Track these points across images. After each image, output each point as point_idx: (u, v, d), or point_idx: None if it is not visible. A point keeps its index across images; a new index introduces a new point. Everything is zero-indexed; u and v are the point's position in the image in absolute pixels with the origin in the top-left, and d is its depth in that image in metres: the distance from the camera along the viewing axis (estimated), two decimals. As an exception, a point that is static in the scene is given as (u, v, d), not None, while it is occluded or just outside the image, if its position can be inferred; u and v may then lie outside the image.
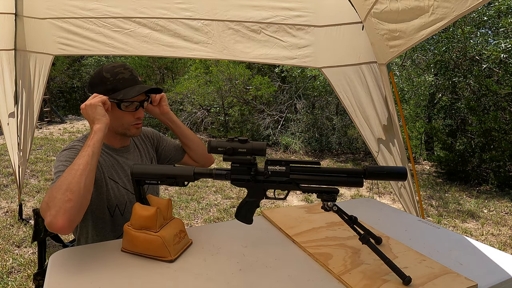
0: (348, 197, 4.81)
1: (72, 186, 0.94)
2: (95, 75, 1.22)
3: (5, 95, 2.70)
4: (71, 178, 0.96)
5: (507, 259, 1.05)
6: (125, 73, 1.20)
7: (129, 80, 1.20)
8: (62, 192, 0.93)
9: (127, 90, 1.19)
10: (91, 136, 1.06)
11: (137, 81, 1.23)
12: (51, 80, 11.38)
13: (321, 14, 2.35)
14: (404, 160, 2.38)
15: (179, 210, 3.88)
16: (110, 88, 1.18)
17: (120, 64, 1.22)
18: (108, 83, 1.18)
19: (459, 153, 6.07)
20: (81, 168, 0.98)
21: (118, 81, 1.19)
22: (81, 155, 1.02)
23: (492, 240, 3.56)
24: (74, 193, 0.94)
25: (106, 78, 1.19)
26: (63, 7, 2.50)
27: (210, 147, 0.99)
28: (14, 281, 2.36)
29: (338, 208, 0.97)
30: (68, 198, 0.93)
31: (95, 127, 1.07)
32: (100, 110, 1.09)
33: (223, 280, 0.90)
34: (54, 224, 0.91)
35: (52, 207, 0.92)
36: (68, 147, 1.19)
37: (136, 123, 1.25)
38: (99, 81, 1.19)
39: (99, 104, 1.10)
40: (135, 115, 1.23)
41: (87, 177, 0.98)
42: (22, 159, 2.85)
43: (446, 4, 1.35)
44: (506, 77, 5.54)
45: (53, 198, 0.93)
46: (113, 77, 1.18)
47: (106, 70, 1.20)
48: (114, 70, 1.20)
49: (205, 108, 8.84)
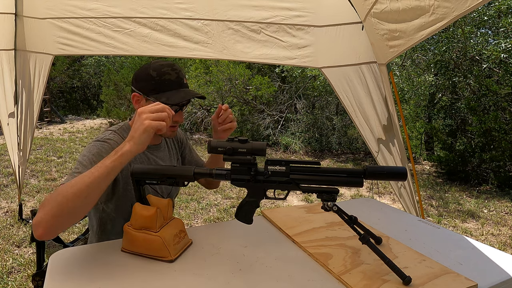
0: (348, 197, 4.81)
1: (70, 204, 0.88)
2: (142, 70, 1.19)
3: (5, 95, 2.70)
4: (74, 191, 0.88)
5: (507, 259, 1.05)
6: (172, 74, 1.17)
7: (175, 83, 1.17)
8: (63, 202, 0.87)
9: (171, 93, 1.16)
10: (118, 154, 0.92)
11: (182, 84, 1.20)
12: (51, 80, 11.38)
13: (321, 14, 2.35)
14: (404, 160, 2.38)
15: (179, 210, 3.88)
16: (154, 87, 1.16)
17: (168, 64, 1.19)
18: (152, 82, 1.16)
19: (459, 153, 6.07)
20: (88, 185, 0.89)
21: (163, 82, 1.16)
22: (97, 168, 0.90)
23: (492, 240, 3.56)
24: (69, 212, 0.88)
25: (151, 77, 1.16)
26: (63, 7, 2.50)
27: (210, 147, 0.99)
28: (14, 281, 2.36)
29: (338, 208, 0.97)
30: (60, 212, 0.87)
31: (130, 146, 0.92)
32: (148, 136, 0.93)
33: (223, 280, 0.90)
34: (36, 229, 0.87)
35: (44, 212, 0.87)
36: (103, 138, 1.14)
37: (173, 125, 1.22)
38: (144, 78, 1.17)
39: (153, 130, 0.95)
40: (174, 118, 1.18)
41: (89, 197, 0.90)
42: (22, 159, 2.85)
43: (446, 4, 1.35)
44: (506, 77, 5.54)
45: (53, 202, 0.88)
46: (159, 77, 1.16)
47: (153, 68, 1.17)
48: (162, 69, 1.16)
49: (205, 108, 8.83)
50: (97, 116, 11.54)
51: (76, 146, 6.80)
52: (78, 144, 7.07)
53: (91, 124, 9.86)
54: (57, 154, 6.06)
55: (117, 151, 0.92)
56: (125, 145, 0.93)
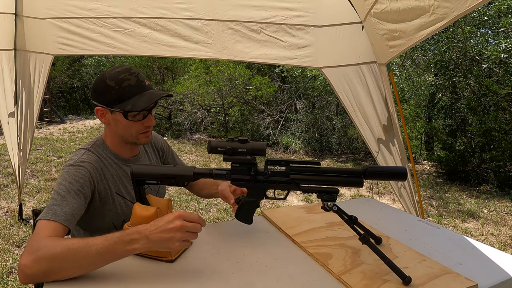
0: (348, 197, 4.81)
1: (67, 272, 0.85)
2: (99, 82, 1.12)
3: (5, 95, 2.70)
4: (69, 259, 0.84)
5: (507, 259, 1.05)
6: (131, 79, 1.10)
7: (136, 87, 1.11)
8: (54, 260, 0.84)
9: (135, 99, 1.09)
10: (131, 247, 0.85)
11: (145, 86, 1.13)
12: (51, 80, 11.37)
13: (321, 14, 2.35)
14: (404, 160, 2.38)
15: (179, 210, 3.88)
16: (116, 97, 1.09)
17: (124, 69, 1.11)
18: (113, 92, 1.09)
19: (459, 153, 6.07)
20: (92, 263, 0.86)
21: (124, 89, 1.09)
22: (106, 250, 0.84)
23: (492, 240, 3.56)
24: (62, 275, 0.85)
25: (110, 87, 1.09)
26: (63, 7, 2.50)
27: (210, 147, 0.99)
28: (14, 281, 2.36)
29: (338, 208, 0.97)
30: (54, 274, 0.84)
31: (142, 246, 0.85)
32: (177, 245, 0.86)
33: (223, 280, 0.90)
34: (22, 276, 0.83)
35: (34, 261, 0.83)
36: (77, 162, 1.09)
37: (145, 131, 1.17)
38: (104, 90, 1.10)
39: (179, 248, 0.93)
40: (144, 123, 1.15)
41: (88, 269, 0.87)
42: (22, 159, 2.85)
43: (446, 4, 1.35)
44: (506, 77, 5.54)
45: (50, 264, 0.83)
46: (119, 85, 1.09)
47: (110, 77, 1.10)
48: (119, 77, 1.09)
49: (205, 108, 8.84)
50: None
51: (76, 146, 6.80)
52: (78, 144, 7.07)
53: (91, 124, 9.86)
54: (57, 154, 6.06)
55: (131, 241, 0.85)
56: (139, 239, 0.85)
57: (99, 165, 1.14)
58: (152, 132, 1.35)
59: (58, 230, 0.94)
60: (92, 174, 1.10)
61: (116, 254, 0.85)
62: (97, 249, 0.84)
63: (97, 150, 1.17)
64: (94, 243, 0.84)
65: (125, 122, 1.12)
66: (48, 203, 1.01)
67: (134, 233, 0.85)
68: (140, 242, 0.85)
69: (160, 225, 0.85)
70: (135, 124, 1.14)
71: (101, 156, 1.16)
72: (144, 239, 0.85)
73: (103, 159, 1.17)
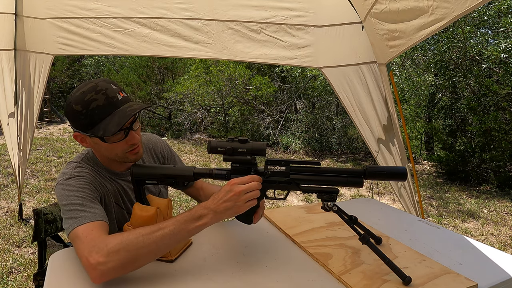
0: (348, 197, 4.81)
1: (138, 253, 0.85)
2: (67, 108, 1.01)
3: (5, 95, 2.70)
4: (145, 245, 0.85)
5: (507, 259, 1.05)
6: (98, 98, 0.98)
7: (106, 107, 0.98)
8: (129, 248, 0.84)
9: (105, 122, 0.98)
10: (200, 222, 0.89)
11: (117, 103, 1.00)
12: (51, 80, 11.37)
13: (321, 14, 2.35)
14: (404, 160, 2.38)
15: (179, 210, 3.88)
16: (87, 123, 0.99)
17: (90, 88, 0.99)
18: (82, 117, 0.98)
19: (459, 153, 6.07)
20: (168, 244, 0.88)
21: (93, 112, 0.97)
22: (179, 230, 0.87)
23: (492, 240, 3.56)
24: (136, 261, 0.86)
25: (78, 112, 0.98)
26: (63, 7, 2.51)
27: (210, 147, 0.99)
28: (14, 281, 2.36)
29: (338, 208, 0.97)
30: (128, 258, 0.84)
31: (211, 220, 0.89)
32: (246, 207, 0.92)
33: (223, 280, 0.90)
34: (95, 271, 0.83)
35: (115, 263, 0.83)
36: (72, 174, 1.03)
37: (131, 149, 1.07)
38: (73, 116, 1.00)
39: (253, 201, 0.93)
40: (127, 142, 1.04)
41: (163, 252, 0.89)
42: (22, 159, 2.85)
43: (445, 4, 1.35)
44: (506, 77, 5.54)
45: (128, 257, 0.84)
46: (86, 108, 0.97)
47: (75, 101, 0.98)
48: (85, 98, 0.97)
49: (205, 108, 8.83)
50: (97, 116, 11.52)
51: (76, 146, 6.79)
52: (78, 144, 7.06)
53: (91, 124, 9.85)
54: (57, 154, 6.06)
55: (200, 217, 0.89)
56: (207, 214, 0.89)
57: (95, 175, 1.09)
58: (152, 137, 1.30)
59: (103, 227, 0.93)
60: (93, 182, 1.06)
61: (188, 232, 0.89)
62: (170, 230, 0.87)
63: (88, 163, 1.11)
64: (165, 226, 0.88)
65: (106, 145, 1.03)
66: (68, 215, 0.94)
67: (201, 209, 0.90)
68: (209, 216, 0.89)
69: (220, 197, 0.90)
70: (118, 145, 1.04)
71: (94, 168, 1.11)
72: (211, 212, 0.89)
73: (97, 172, 1.11)
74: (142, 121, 9.34)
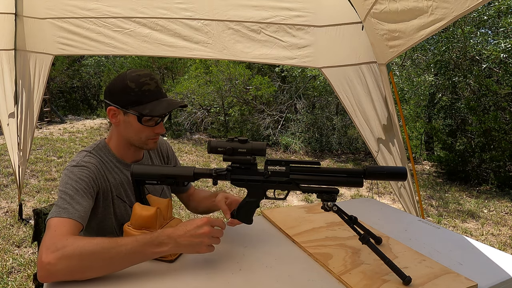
0: (348, 197, 4.81)
1: (91, 265, 0.84)
2: (117, 82, 1.11)
3: (5, 95, 2.70)
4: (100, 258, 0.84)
5: (507, 259, 1.05)
6: (151, 84, 1.10)
7: (155, 93, 1.11)
8: (83, 258, 0.83)
9: (153, 104, 1.09)
10: (159, 250, 0.87)
11: (163, 93, 1.14)
12: (51, 80, 11.37)
13: (321, 14, 2.35)
14: (404, 160, 2.38)
15: (179, 210, 3.88)
16: (134, 99, 1.09)
17: (145, 73, 1.12)
18: (132, 93, 1.08)
19: (459, 153, 6.07)
20: (120, 263, 0.87)
21: (144, 93, 1.09)
22: (134, 250, 0.85)
23: (492, 240, 3.56)
24: (85, 271, 0.85)
25: (130, 88, 1.08)
26: (63, 7, 2.50)
27: (210, 147, 0.99)
28: (14, 281, 2.36)
29: (338, 208, 0.97)
30: (79, 267, 0.83)
31: (170, 249, 0.88)
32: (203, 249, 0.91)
33: (223, 280, 0.90)
34: (45, 274, 0.83)
35: (63, 258, 0.83)
36: (79, 162, 1.08)
37: (154, 137, 1.16)
38: (122, 90, 1.09)
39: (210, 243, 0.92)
40: (155, 130, 1.14)
41: (114, 269, 0.88)
42: (22, 159, 2.85)
43: (445, 4, 1.35)
44: (506, 77, 5.54)
45: (77, 264, 0.83)
46: (138, 88, 1.08)
47: (131, 78, 1.09)
48: (140, 80, 1.09)
49: (205, 108, 8.84)
50: (97, 116, 11.55)
51: (76, 146, 6.79)
52: (78, 144, 7.07)
53: (91, 124, 9.86)
54: (57, 154, 6.06)
55: (160, 244, 0.87)
56: (168, 243, 0.88)
57: (101, 167, 1.13)
58: (159, 138, 1.33)
59: (74, 228, 0.94)
60: (95, 175, 1.09)
61: (145, 255, 0.88)
62: (127, 249, 0.85)
63: (99, 153, 1.15)
64: (124, 243, 0.86)
65: (137, 125, 1.11)
66: (57, 202, 0.99)
67: (163, 236, 0.88)
68: (169, 245, 0.88)
69: (188, 230, 0.89)
70: (146, 129, 1.13)
71: (103, 159, 1.15)
72: (173, 242, 0.88)
73: (105, 162, 1.15)
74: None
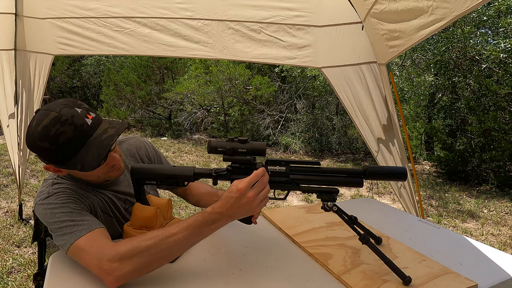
0: (348, 197, 4.81)
1: (152, 258, 0.85)
2: (31, 144, 0.91)
3: (5, 95, 2.70)
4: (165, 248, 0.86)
5: (507, 259, 1.05)
6: (66, 131, 0.88)
7: (77, 138, 0.90)
8: (143, 253, 0.84)
9: (81, 155, 0.91)
10: (214, 225, 0.88)
11: (87, 131, 0.92)
12: (51, 80, 11.36)
13: (321, 14, 2.35)
14: (404, 160, 2.38)
15: (179, 210, 3.88)
16: (59, 158, 0.91)
17: (53, 119, 0.88)
18: (52, 153, 0.90)
19: (459, 153, 6.07)
20: (181, 248, 0.89)
21: (64, 146, 0.89)
22: (192, 234, 0.87)
23: (492, 240, 3.56)
24: (150, 265, 0.86)
25: (46, 149, 0.89)
26: (63, 7, 2.50)
27: (210, 147, 0.99)
28: (14, 281, 2.36)
29: (338, 208, 0.97)
30: (142, 263, 0.84)
31: (226, 222, 0.89)
32: (258, 207, 0.89)
33: (223, 280, 0.90)
34: (109, 276, 0.83)
35: (130, 268, 0.83)
36: (50, 193, 0.97)
37: (112, 168, 1.04)
38: (40, 153, 0.91)
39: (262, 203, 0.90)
40: (108, 164, 1.01)
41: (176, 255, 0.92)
42: (22, 159, 2.85)
43: (445, 4, 1.35)
44: (506, 77, 5.54)
45: (141, 261, 0.84)
46: (54, 144, 0.88)
47: (40, 138, 0.88)
48: (50, 133, 0.87)
49: (205, 108, 8.83)
50: (97, 116, 11.51)
51: (76, 146, 6.79)
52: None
53: (91, 124, 9.84)
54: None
55: (213, 221, 0.87)
56: (221, 219, 0.87)
57: (76, 189, 1.03)
58: (135, 141, 1.27)
59: (104, 234, 0.92)
60: (74, 194, 1.00)
61: (202, 235, 0.89)
62: (184, 235, 0.86)
63: (65, 178, 1.05)
64: (179, 231, 0.86)
65: (84, 174, 0.99)
66: (61, 232, 0.90)
67: (214, 214, 0.87)
68: (223, 220, 0.88)
69: (232, 203, 0.86)
70: (98, 170, 1.00)
71: (73, 182, 1.05)
72: (225, 218, 0.88)
73: (76, 185, 1.05)
74: (142, 121, 9.34)
